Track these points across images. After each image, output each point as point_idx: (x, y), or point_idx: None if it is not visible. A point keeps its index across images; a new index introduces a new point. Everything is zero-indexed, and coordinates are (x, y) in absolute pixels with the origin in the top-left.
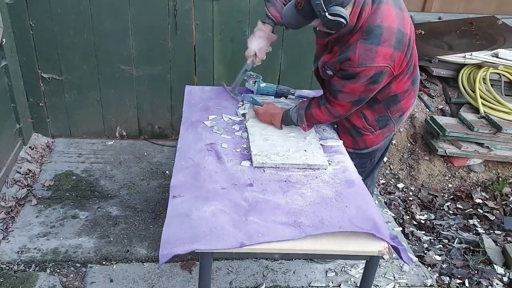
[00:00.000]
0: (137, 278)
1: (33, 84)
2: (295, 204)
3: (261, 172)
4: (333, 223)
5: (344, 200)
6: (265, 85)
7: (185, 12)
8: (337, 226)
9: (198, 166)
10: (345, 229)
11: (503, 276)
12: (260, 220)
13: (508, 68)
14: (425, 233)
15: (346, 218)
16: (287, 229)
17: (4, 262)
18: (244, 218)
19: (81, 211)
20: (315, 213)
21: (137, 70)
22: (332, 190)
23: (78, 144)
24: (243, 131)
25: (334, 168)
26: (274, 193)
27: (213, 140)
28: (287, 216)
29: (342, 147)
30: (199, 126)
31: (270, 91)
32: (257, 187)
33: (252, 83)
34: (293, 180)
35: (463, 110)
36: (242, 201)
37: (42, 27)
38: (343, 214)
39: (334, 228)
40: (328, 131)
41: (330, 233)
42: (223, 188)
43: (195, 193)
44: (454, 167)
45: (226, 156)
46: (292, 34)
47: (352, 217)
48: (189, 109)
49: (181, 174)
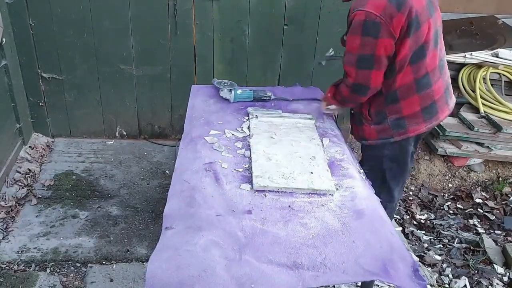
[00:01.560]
0: (137, 278)
1: (33, 84)
2: (296, 236)
3: (261, 197)
4: (337, 265)
5: (351, 233)
6: (241, 91)
7: (185, 12)
8: (340, 270)
9: (193, 189)
10: (348, 274)
11: (503, 276)
12: (255, 260)
13: (508, 68)
14: (425, 233)
15: (351, 257)
16: (283, 275)
17: (4, 262)
18: (238, 255)
19: (81, 210)
20: (318, 249)
21: (137, 70)
22: (338, 221)
23: (78, 144)
24: (246, 149)
25: (342, 195)
26: (275, 223)
27: (212, 159)
28: (286, 254)
29: (352, 169)
30: (199, 142)
31: (247, 97)
32: (256, 215)
33: (227, 91)
34: (296, 208)
35: (463, 110)
36: (238, 231)
37: (42, 27)
38: (349, 251)
39: (336, 275)
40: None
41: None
42: (219, 215)
43: (188, 222)
44: (454, 167)
45: (225, 177)
46: (292, 34)
47: (359, 255)
48: (190, 123)
49: (175, 201)
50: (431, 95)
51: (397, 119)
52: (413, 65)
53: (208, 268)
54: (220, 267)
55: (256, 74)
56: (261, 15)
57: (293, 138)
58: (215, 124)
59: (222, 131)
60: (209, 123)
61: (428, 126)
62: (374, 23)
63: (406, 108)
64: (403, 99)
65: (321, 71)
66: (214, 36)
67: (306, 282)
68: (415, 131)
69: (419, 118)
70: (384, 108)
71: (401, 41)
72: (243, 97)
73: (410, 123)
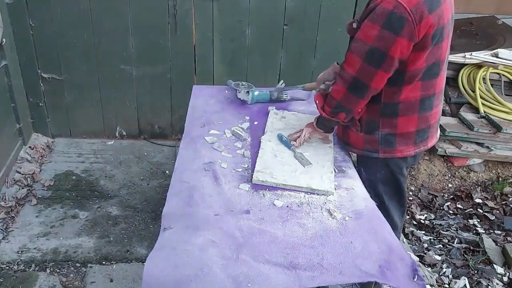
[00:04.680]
0: (137, 278)
1: (33, 84)
2: (294, 236)
3: (260, 197)
4: (334, 266)
5: (349, 234)
6: (258, 92)
7: (185, 12)
8: (337, 271)
9: (192, 189)
10: (345, 275)
11: (503, 276)
12: (252, 260)
13: (508, 68)
14: (425, 233)
15: (349, 258)
16: (280, 275)
17: (4, 262)
18: (235, 255)
19: (81, 211)
20: (315, 249)
21: (137, 70)
22: (336, 222)
23: (78, 144)
24: (246, 149)
25: (340, 195)
26: (272, 223)
27: (212, 159)
28: (283, 254)
29: (352, 170)
30: (199, 142)
31: (264, 98)
32: (254, 214)
33: (245, 93)
34: (294, 208)
35: (463, 110)
36: (236, 230)
37: (42, 27)
38: (347, 252)
39: (333, 275)
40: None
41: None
42: (216, 215)
43: (186, 222)
44: (454, 167)
45: (224, 177)
46: (292, 34)
47: (356, 256)
48: (190, 123)
49: (174, 200)
50: (429, 119)
51: (389, 134)
52: (424, 81)
53: (205, 267)
54: (217, 267)
55: (256, 74)
56: (261, 15)
57: (305, 139)
58: (216, 124)
59: (222, 131)
60: (209, 123)
61: (416, 150)
62: (401, 17)
63: (403, 125)
64: (403, 114)
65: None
66: (214, 36)
67: (303, 282)
68: (403, 152)
69: (410, 140)
70: (378, 119)
71: (419, 50)
72: (261, 98)
73: (400, 142)
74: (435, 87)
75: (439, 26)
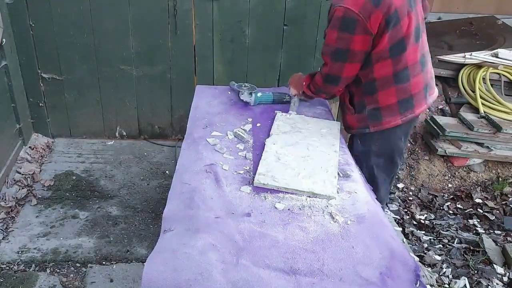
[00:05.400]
0: (137, 278)
1: (33, 84)
2: (295, 240)
3: (261, 199)
4: (334, 272)
5: (351, 238)
6: (261, 94)
7: (185, 12)
8: (337, 277)
9: (193, 191)
10: (345, 282)
11: (503, 276)
12: (252, 264)
13: (508, 68)
14: (425, 233)
15: (350, 264)
16: (280, 280)
17: (4, 262)
18: (235, 259)
19: (81, 211)
20: (316, 254)
21: (137, 70)
22: (338, 225)
23: (78, 144)
24: (248, 151)
25: (343, 199)
26: (273, 226)
27: (213, 161)
28: (283, 259)
29: (356, 173)
30: (201, 143)
31: (267, 99)
32: (255, 217)
33: (247, 94)
34: (296, 211)
35: (463, 110)
36: (236, 234)
37: (42, 27)
38: (348, 257)
39: (333, 282)
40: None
41: None
42: (217, 217)
43: (187, 224)
44: (454, 167)
45: (226, 179)
46: (292, 34)
47: (357, 262)
48: (193, 124)
49: (175, 202)
50: (409, 89)
51: (374, 109)
52: (393, 58)
53: (204, 271)
54: (216, 271)
55: (256, 74)
56: (261, 15)
57: (311, 143)
58: (218, 125)
59: (225, 132)
60: (212, 124)
61: (403, 119)
62: (352, 19)
63: (383, 99)
64: (381, 89)
65: None
66: (214, 36)
67: None
68: (390, 122)
69: (394, 110)
70: (363, 98)
71: (379, 36)
72: (264, 100)
73: (386, 115)
74: (406, 60)
75: (391, 13)
